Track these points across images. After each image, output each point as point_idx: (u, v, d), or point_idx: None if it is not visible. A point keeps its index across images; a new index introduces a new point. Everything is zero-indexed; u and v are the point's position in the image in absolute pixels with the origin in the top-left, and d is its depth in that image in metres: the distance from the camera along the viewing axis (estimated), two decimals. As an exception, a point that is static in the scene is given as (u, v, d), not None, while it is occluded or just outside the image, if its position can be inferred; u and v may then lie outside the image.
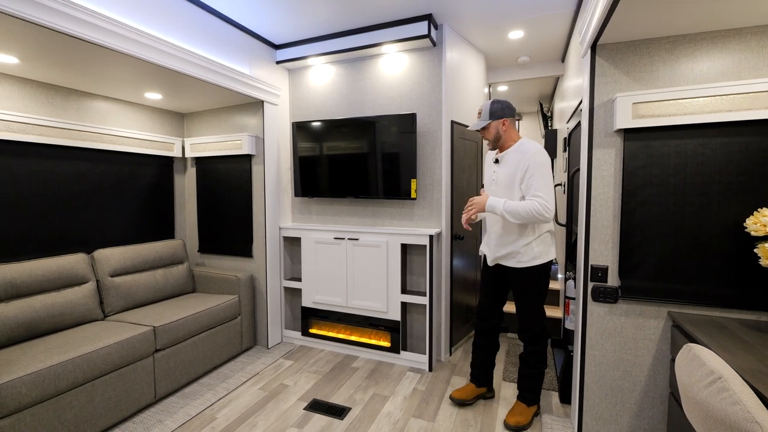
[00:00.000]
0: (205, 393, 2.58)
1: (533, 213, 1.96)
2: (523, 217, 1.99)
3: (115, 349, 2.19)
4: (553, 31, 3.04)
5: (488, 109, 2.14)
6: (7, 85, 2.38)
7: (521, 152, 2.09)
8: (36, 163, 2.52)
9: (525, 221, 2.02)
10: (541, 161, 2.03)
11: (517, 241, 2.13)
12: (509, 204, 2.02)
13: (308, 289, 3.31)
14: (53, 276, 2.41)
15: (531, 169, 2.01)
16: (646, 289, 1.90)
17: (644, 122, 1.81)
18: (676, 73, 1.82)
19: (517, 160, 2.09)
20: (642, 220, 1.88)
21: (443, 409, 2.41)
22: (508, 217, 2.03)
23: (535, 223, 2.05)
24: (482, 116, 2.16)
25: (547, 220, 1.99)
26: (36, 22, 1.71)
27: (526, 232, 2.12)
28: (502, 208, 2.04)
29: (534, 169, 2.01)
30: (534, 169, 2.01)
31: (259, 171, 3.24)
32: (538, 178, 2.00)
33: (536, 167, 2.01)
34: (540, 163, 2.02)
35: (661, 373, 1.90)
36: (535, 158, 2.02)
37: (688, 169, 1.80)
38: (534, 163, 2.02)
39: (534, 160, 2.02)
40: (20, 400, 1.78)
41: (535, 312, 2.19)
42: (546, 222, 2.04)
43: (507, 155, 2.16)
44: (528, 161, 2.03)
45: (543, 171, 2.02)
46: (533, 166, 2.01)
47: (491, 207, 2.08)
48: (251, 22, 2.91)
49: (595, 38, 1.87)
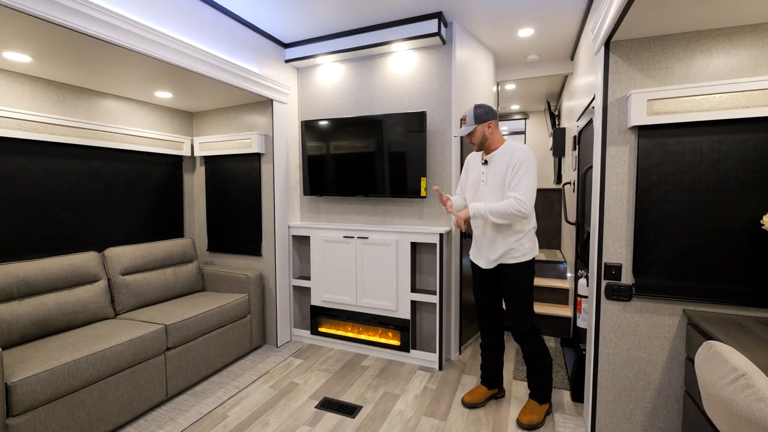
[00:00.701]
0: (216, 391, 2.59)
1: (511, 210, 2.03)
2: (503, 215, 2.07)
3: (128, 347, 2.20)
4: (563, 28, 3.03)
5: (473, 114, 2.19)
6: (19, 83, 2.40)
7: (509, 152, 2.16)
8: (49, 162, 2.54)
9: (505, 219, 2.08)
10: (529, 160, 2.09)
11: (509, 237, 2.17)
12: (490, 205, 2.10)
13: (317, 288, 3.31)
14: (66, 274, 2.43)
15: (516, 167, 2.09)
16: (660, 287, 1.89)
17: (659, 119, 1.80)
18: (691, 70, 1.81)
19: (506, 159, 2.15)
20: (656, 218, 1.87)
21: (455, 407, 2.41)
22: (491, 218, 2.10)
23: (515, 220, 2.10)
24: (467, 122, 2.21)
25: (524, 216, 2.06)
26: (52, 21, 1.72)
27: (517, 229, 2.17)
28: (485, 210, 2.11)
29: (518, 167, 2.08)
30: (519, 167, 2.08)
31: (268, 170, 3.24)
32: (521, 175, 2.07)
33: (522, 166, 2.08)
34: (527, 162, 2.09)
35: (675, 372, 1.88)
36: (523, 157, 2.09)
37: (703, 166, 1.79)
38: (520, 161, 2.09)
39: (521, 159, 2.09)
40: (35, 398, 1.79)
41: (526, 308, 2.22)
42: (524, 218, 2.09)
43: (495, 156, 2.21)
44: (516, 159, 2.10)
45: (528, 170, 2.08)
46: (519, 164, 2.08)
47: (476, 211, 2.14)
48: (261, 20, 2.92)
49: (609, 35, 1.86)
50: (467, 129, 2.20)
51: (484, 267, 2.28)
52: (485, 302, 2.39)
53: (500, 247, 2.19)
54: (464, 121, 2.22)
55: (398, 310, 3.01)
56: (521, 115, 6.64)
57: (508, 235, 2.17)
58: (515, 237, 2.16)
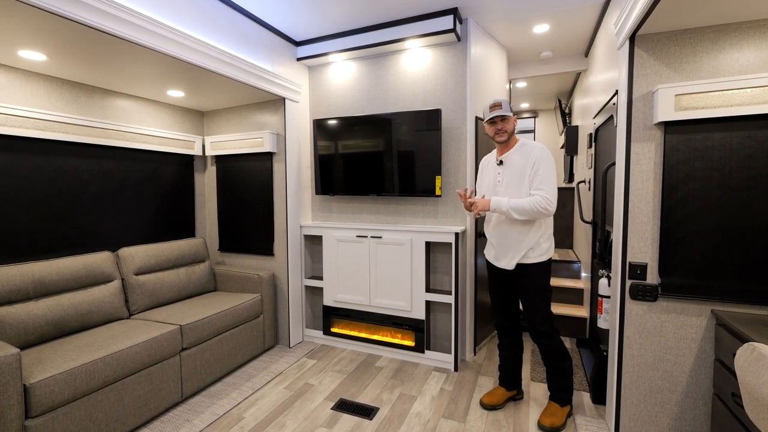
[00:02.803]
0: (231, 392, 2.57)
1: (537, 207, 1.99)
2: (528, 213, 2.02)
3: (144, 347, 2.18)
4: (579, 24, 2.98)
5: (508, 104, 2.14)
6: (33, 82, 2.38)
7: (526, 151, 2.12)
8: (63, 161, 2.52)
9: (530, 217, 2.04)
10: (548, 157, 2.07)
11: (529, 237, 2.13)
12: (513, 201, 2.06)
13: (330, 288, 3.28)
14: (80, 274, 2.41)
15: (537, 164, 2.05)
16: (688, 287, 1.84)
17: (687, 114, 1.76)
18: (720, 64, 1.76)
19: (524, 158, 2.11)
20: (684, 216, 1.83)
21: (473, 409, 2.37)
22: (513, 214, 2.05)
23: (540, 217, 2.07)
24: (504, 107, 2.12)
25: (550, 213, 2.04)
26: (72, 18, 1.70)
27: (535, 229, 2.12)
28: (507, 206, 2.06)
29: (541, 165, 2.05)
30: (541, 164, 2.05)
31: (280, 169, 3.22)
32: (544, 173, 2.04)
33: (542, 163, 2.05)
34: (547, 159, 2.07)
35: (703, 374, 1.84)
36: (542, 154, 2.07)
37: (733, 162, 1.74)
38: (541, 158, 2.06)
39: (542, 156, 2.06)
40: (53, 399, 1.77)
41: (543, 309, 2.17)
42: (549, 216, 2.08)
43: (511, 156, 2.17)
44: (536, 157, 2.07)
45: (549, 167, 2.06)
46: (539, 162, 2.05)
47: (496, 205, 2.09)
48: (273, 18, 2.89)
49: (635, 29, 1.82)
50: (506, 112, 2.09)
51: (503, 268, 2.24)
52: (501, 302, 2.36)
53: (521, 247, 2.14)
54: (499, 106, 2.10)
55: (412, 310, 2.97)
56: (531, 113, 6.58)
57: (527, 235, 2.13)
58: (535, 237, 2.12)
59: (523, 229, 2.13)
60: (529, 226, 2.12)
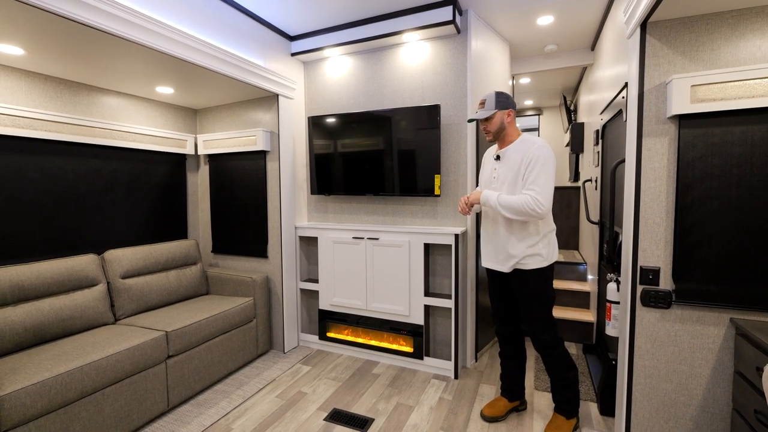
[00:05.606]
0: (220, 401, 2.46)
1: (525, 208, 1.87)
2: (516, 211, 1.90)
3: (126, 355, 2.07)
4: (585, 15, 2.84)
5: (494, 99, 2.02)
6: (13, 78, 2.29)
7: (525, 147, 1.99)
8: (45, 161, 2.42)
9: (518, 216, 1.92)
10: (546, 156, 1.92)
11: (524, 240, 1.99)
12: (503, 197, 1.95)
13: (326, 291, 3.17)
14: (62, 278, 2.31)
15: (533, 162, 1.92)
16: (704, 293, 1.70)
17: (704, 107, 1.62)
18: (741, 52, 1.62)
19: (520, 155, 1.97)
20: (700, 216, 1.69)
21: (473, 421, 2.25)
22: (501, 210, 1.94)
23: (529, 219, 1.92)
24: (486, 106, 2.02)
25: (539, 216, 1.89)
26: (41, 7, 1.59)
27: (532, 231, 1.99)
28: (495, 201, 1.95)
29: (535, 163, 1.91)
30: (535, 162, 1.92)
31: (274, 168, 3.10)
32: (537, 171, 1.90)
33: (538, 161, 1.91)
34: (545, 157, 1.92)
35: (721, 387, 1.70)
36: (540, 152, 1.93)
37: (754, 159, 1.60)
38: (536, 156, 1.92)
39: (537, 154, 1.92)
40: (25, 412, 1.66)
41: (544, 317, 2.04)
42: (539, 218, 1.92)
43: (509, 151, 2.04)
44: (532, 154, 1.93)
45: (545, 165, 1.91)
46: (534, 159, 1.92)
47: (485, 198, 2.00)
48: (265, 11, 2.78)
49: (646, 15, 1.69)
50: (486, 113, 2.01)
51: (498, 269, 2.11)
52: (500, 307, 2.23)
53: (514, 249, 2.01)
54: (483, 104, 2.03)
55: (411, 314, 2.85)
56: (535, 111, 6.43)
57: (523, 238, 1.99)
58: (530, 240, 1.99)
59: (516, 230, 2.00)
60: (521, 227, 1.99)
